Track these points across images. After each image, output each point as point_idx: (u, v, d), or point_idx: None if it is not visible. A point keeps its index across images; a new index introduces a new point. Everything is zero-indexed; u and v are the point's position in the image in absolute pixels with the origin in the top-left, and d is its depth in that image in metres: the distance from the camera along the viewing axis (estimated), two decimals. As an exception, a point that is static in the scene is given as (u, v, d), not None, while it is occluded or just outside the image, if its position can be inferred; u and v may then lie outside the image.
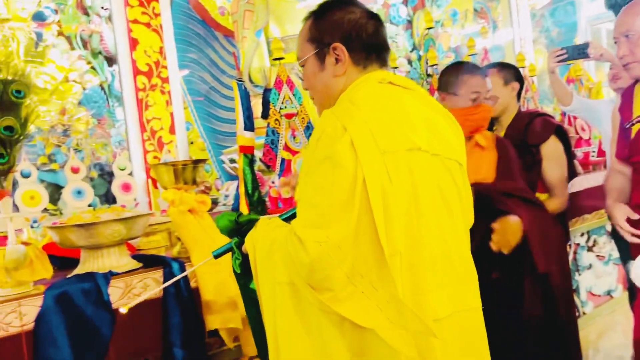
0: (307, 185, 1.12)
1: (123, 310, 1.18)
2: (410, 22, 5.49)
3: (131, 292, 1.51)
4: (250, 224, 1.31)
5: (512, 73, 2.38)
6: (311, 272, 1.06)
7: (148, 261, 1.62)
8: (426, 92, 1.36)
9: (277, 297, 1.16)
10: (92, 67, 3.45)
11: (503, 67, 2.42)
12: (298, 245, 1.07)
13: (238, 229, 1.32)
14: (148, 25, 2.46)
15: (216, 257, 1.35)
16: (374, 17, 1.27)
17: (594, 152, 3.63)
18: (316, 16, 1.29)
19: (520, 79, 2.39)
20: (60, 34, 3.13)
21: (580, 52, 2.68)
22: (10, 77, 1.33)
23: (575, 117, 3.66)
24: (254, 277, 1.24)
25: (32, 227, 1.98)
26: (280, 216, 1.31)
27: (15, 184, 1.70)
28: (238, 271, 1.32)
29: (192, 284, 1.63)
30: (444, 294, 1.17)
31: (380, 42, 1.27)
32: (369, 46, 1.25)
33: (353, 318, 1.06)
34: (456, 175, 1.25)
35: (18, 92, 1.33)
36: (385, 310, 1.07)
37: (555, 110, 3.94)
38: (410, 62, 5.28)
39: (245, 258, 1.27)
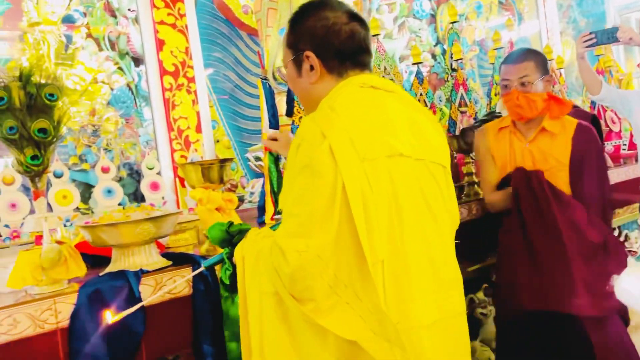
0: (288, 194, 1.12)
1: (111, 318, 1.20)
2: (434, 16, 5.44)
3: (161, 289, 1.54)
4: (241, 234, 1.31)
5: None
6: (292, 282, 1.06)
7: (177, 259, 1.65)
8: (409, 94, 1.33)
9: (263, 307, 1.15)
10: (120, 68, 3.51)
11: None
12: (279, 255, 1.06)
13: (229, 240, 1.32)
14: (174, 26, 2.49)
15: (207, 267, 1.36)
16: (353, 20, 1.24)
17: (624, 145, 3.55)
18: (292, 22, 1.29)
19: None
20: (88, 36, 3.19)
21: (609, 36, 2.63)
22: (43, 81, 1.37)
23: (605, 110, 3.58)
24: (240, 288, 1.23)
25: (64, 225, 2.03)
26: (272, 227, 1.30)
27: (48, 184, 1.75)
28: (227, 282, 1.31)
29: (221, 281, 1.66)
30: (429, 300, 1.16)
31: (356, 46, 1.25)
32: (342, 52, 1.23)
33: (336, 330, 1.05)
34: (440, 178, 1.24)
35: (51, 95, 1.37)
36: (369, 322, 1.06)
37: (584, 102, 3.87)
38: (434, 56, 5.23)
39: (235, 269, 1.26)
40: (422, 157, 1.19)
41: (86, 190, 2.71)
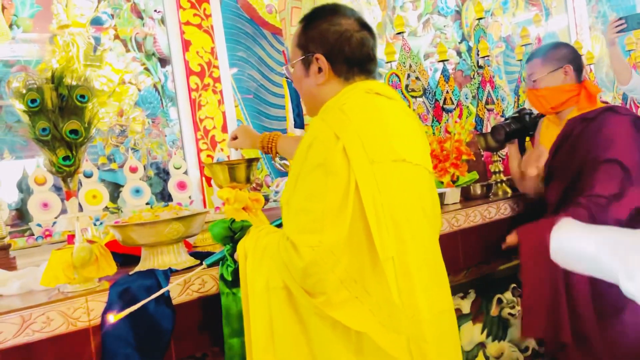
0: (299, 191, 1.15)
1: (112, 319, 1.24)
2: (459, 12, 5.37)
3: (189, 288, 1.55)
4: (243, 231, 1.34)
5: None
6: (305, 276, 1.09)
7: (205, 258, 1.66)
8: (404, 101, 1.42)
9: (272, 302, 1.18)
10: (146, 69, 3.56)
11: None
12: (292, 250, 1.10)
13: (231, 237, 1.35)
14: (199, 26, 2.51)
15: (209, 265, 1.39)
16: (363, 29, 1.29)
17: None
18: (305, 24, 1.32)
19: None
20: (116, 37, 3.24)
21: (639, 21, 2.59)
22: (74, 82, 1.39)
23: (637, 106, 3.50)
24: (242, 284, 1.26)
25: (94, 224, 2.07)
26: (272, 223, 1.35)
27: (78, 184, 1.78)
28: (229, 278, 1.34)
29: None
30: (427, 295, 1.21)
31: (365, 54, 1.29)
32: (351, 59, 1.27)
33: (346, 322, 1.10)
34: (429, 183, 1.31)
35: (82, 96, 1.39)
36: (378, 315, 1.12)
37: (615, 99, 3.79)
38: (459, 53, 5.18)
39: (238, 265, 1.30)
40: (418, 163, 1.26)
41: (115, 190, 2.75)
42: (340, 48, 1.26)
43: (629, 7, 6.21)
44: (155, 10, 3.52)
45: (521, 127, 2.34)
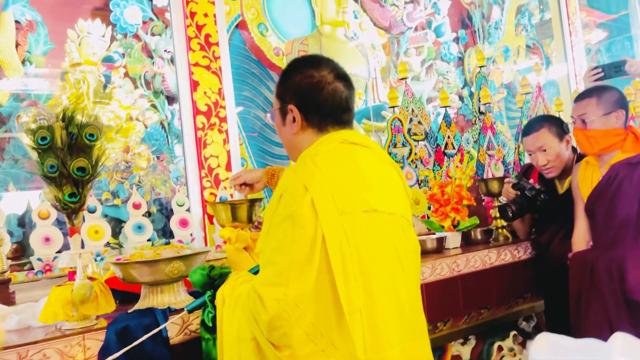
0: (268, 242, 1.16)
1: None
2: (461, 59, 5.49)
3: (187, 328, 1.54)
4: (223, 277, 1.36)
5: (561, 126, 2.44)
6: (270, 329, 1.09)
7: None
8: (382, 148, 1.44)
9: (242, 353, 1.18)
10: (153, 106, 3.62)
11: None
12: (258, 302, 1.10)
13: (211, 283, 1.37)
14: (208, 67, 2.57)
15: (190, 311, 1.40)
16: (338, 80, 1.31)
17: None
18: (283, 75, 1.37)
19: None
20: (126, 75, 3.31)
21: (616, 69, 2.61)
22: (84, 120, 1.42)
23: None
24: (218, 331, 1.27)
25: (95, 260, 2.07)
26: (250, 270, 1.34)
27: (82, 220, 1.80)
28: (210, 324, 1.35)
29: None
30: (399, 349, 1.19)
31: (337, 105, 1.31)
32: (323, 110, 1.30)
33: None
34: (408, 231, 1.29)
35: (91, 135, 1.42)
36: None
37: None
38: (461, 98, 5.26)
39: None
40: (393, 212, 1.25)
41: (117, 225, 2.76)
42: (312, 99, 1.30)
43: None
44: (165, 50, 3.61)
45: (526, 203, 2.39)
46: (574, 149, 2.50)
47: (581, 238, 2.21)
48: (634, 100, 3.81)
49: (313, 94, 1.30)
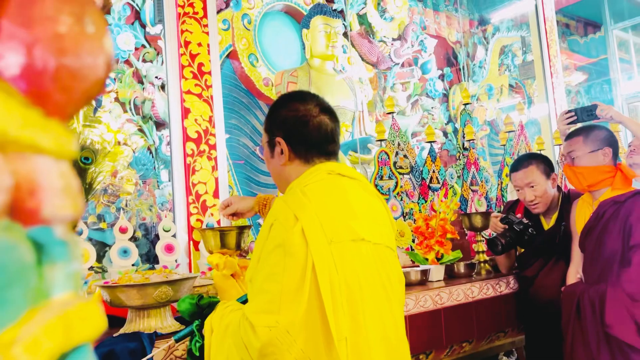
0: (260, 271, 1.19)
1: None
2: (446, 95, 5.62)
3: (172, 354, 1.54)
4: (211, 307, 1.37)
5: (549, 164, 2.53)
6: (261, 356, 1.11)
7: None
8: (367, 180, 1.47)
9: None
10: (141, 131, 3.64)
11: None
12: (249, 330, 1.13)
13: (199, 312, 1.38)
14: (200, 95, 2.61)
15: (177, 340, 1.40)
16: (323, 113, 1.38)
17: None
18: (270, 110, 1.44)
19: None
20: (116, 99, 3.34)
21: (588, 113, 2.70)
22: (80, 144, 1.44)
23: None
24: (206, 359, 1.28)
25: (79, 284, 2.06)
26: (238, 300, 1.37)
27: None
28: (197, 354, 1.36)
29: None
30: None
31: (323, 136, 1.37)
32: (309, 141, 1.35)
33: None
34: (393, 261, 1.34)
35: (86, 159, 1.44)
36: None
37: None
38: (445, 134, 5.37)
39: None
40: (379, 242, 1.29)
41: (101, 249, 2.74)
42: (298, 131, 1.35)
43: (607, 101, 6.55)
44: (156, 77, 3.66)
45: (515, 237, 2.45)
46: (559, 188, 2.58)
47: (574, 272, 2.26)
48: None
49: (299, 126, 1.35)
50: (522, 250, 2.59)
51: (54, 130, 0.33)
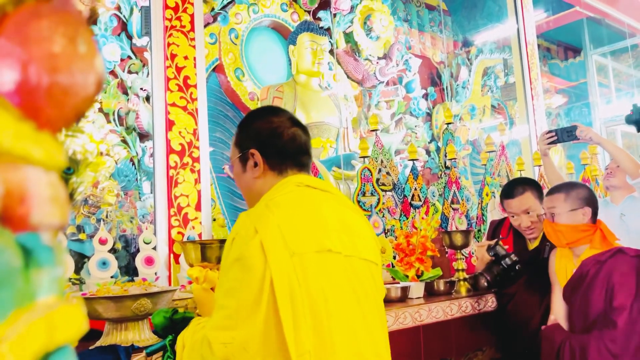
0: (220, 286, 1.18)
1: None
2: (429, 114, 5.70)
3: (149, 367, 1.52)
4: (185, 322, 1.36)
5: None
6: None
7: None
8: (343, 194, 1.45)
9: None
10: (124, 142, 3.62)
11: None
12: (206, 346, 1.12)
13: (173, 327, 1.38)
14: (185, 108, 2.62)
15: (148, 354, 1.39)
16: (295, 126, 1.38)
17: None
18: (241, 124, 1.43)
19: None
20: (100, 110, 3.32)
21: (568, 134, 2.77)
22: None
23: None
24: None
25: (56, 295, 2.03)
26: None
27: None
28: None
29: None
30: None
31: (297, 148, 1.36)
32: (284, 153, 1.35)
33: None
34: (370, 275, 1.30)
35: (68, 169, 1.43)
36: None
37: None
38: (428, 152, 5.43)
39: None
40: (351, 254, 1.26)
41: (79, 260, 2.71)
42: (273, 142, 1.34)
43: (586, 124, 6.69)
44: (141, 88, 3.65)
45: (502, 273, 2.47)
46: None
47: (560, 316, 2.27)
48: (590, 164, 4.01)
49: (274, 137, 1.35)
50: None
51: (45, 143, 0.34)
